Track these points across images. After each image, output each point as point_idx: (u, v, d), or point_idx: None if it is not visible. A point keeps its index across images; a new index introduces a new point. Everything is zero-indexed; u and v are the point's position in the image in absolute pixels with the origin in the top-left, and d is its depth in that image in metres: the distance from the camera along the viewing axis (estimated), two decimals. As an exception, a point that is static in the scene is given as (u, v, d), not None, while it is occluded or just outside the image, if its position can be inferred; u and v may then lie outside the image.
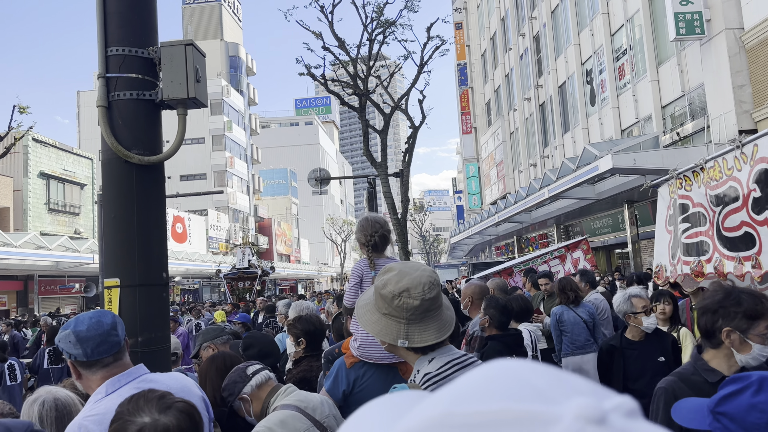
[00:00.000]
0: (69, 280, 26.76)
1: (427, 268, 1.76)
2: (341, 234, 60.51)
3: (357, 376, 2.55)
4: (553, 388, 0.37)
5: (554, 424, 0.34)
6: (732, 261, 4.28)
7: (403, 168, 17.64)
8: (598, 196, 16.67)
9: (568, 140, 23.02)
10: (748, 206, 4.00)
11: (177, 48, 3.33)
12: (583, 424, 0.33)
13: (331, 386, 2.59)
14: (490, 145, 33.85)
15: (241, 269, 16.36)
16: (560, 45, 23.68)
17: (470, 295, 4.37)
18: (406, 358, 1.77)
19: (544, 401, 0.36)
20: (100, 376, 1.92)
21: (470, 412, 0.36)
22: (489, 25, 33.99)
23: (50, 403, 2.36)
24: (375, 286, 1.77)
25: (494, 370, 0.41)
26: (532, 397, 0.36)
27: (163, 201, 3.48)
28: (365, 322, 1.75)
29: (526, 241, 28.53)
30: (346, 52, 17.69)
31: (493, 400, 0.36)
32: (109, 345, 1.92)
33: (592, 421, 0.33)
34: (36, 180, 26.72)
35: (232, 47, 55.92)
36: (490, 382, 0.39)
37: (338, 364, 2.66)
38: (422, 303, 1.66)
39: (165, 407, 1.51)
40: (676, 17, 13.24)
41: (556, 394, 0.36)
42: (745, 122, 12.48)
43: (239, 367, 2.53)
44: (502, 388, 0.38)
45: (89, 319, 1.93)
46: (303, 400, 2.34)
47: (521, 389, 0.37)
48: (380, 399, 0.50)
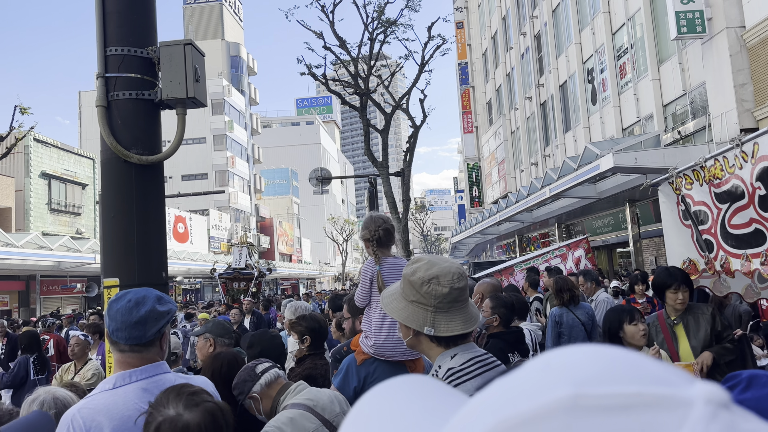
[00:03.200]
0: (71, 280, 26.79)
1: (456, 261, 1.78)
2: (343, 233, 60.52)
3: (368, 373, 2.56)
4: (668, 373, 0.36)
5: (689, 407, 0.33)
6: (738, 258, 4.27)
7: (404, 167, 17.64)
8: (600, 195, 16.65)
9: (570, 139, 22.99)
10: (755, 203, 3.99)
11: (176, 47, 3.33)
12: (715, 407, 0.33)
13: (341, 383, 2.60)
14: (491, 144, 33.83)
15: (237, 269, 15.87)
16: (561, 44, 23.65)
17: (482, 293, 4.38)
18: (428, 353, 1.76)
19: (669, 385, 0.35)
20: (118, 359, 1.91)
21: (604, 394, 0.34)
22: (490, 24, 33.97)
23: (49, 402, 2.36)
24: (403, 275, 1.77)
25: (603, 352, 0.38)
26: (657, 381, 0.35)
27: (162, 200, 3.48)
28: (392, 309, 1.75)
29: (527, 240, 28.51)
30: (347, 52, 17.69)
31: (623, 383, 0.35)
32: (139, 333, 1.90)
33: (720, 405, 0.33)
34: (37, 180, 26.75)
35: (233, 47, 55.94)
36: (608, 363, 0.37)
37: (348, 361, 2.67)
38: (451, 291, 1.67)
39: (193, 404, 1.52)
40: (677, 16, 13.22)
41: (675, 380, 0.35)
42: (747, 121, 12.46)
43: (248, 366, 2.51)
44: (625, 371, 0.36)
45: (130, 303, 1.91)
46: (312, 399, 2.33)
47: (642, 372, 0.36)
48: (391, 384, 0.48)
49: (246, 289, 15.29)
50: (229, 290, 15.51)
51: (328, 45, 17.57)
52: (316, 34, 17.57)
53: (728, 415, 0.33)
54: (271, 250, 53.48)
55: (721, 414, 0.33)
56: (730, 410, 0.33)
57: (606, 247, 20.99)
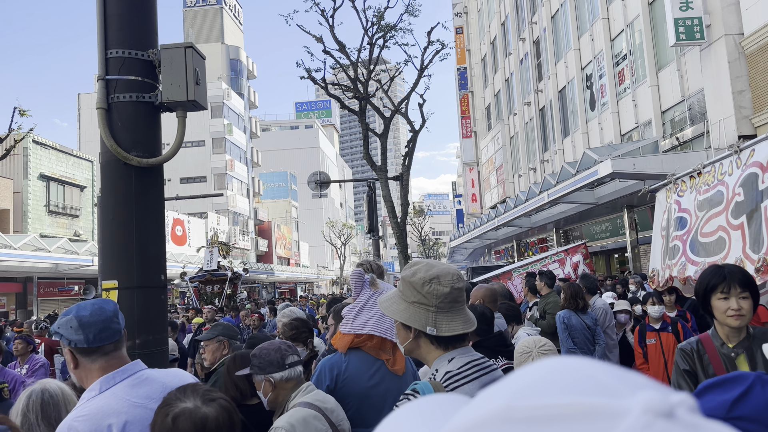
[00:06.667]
0: (68, 282, 26.72)
1: (452, 265, 1.81)
2: (341, 237, 60.48)
3: (339, 371, 2.59)
4: (616, 382, 0.36)
5: (622, 417, 0.32)
6: (695, 266, 4.30)
7: (402, 171, 17.65)
8: (598, 200, 16.66)
9: (568, 145, 23.03)
10: (728, 211, 4.00)
11: (177, 50, 3.34)
12: (651, 417, 0.32)
13: (315, 383, 2.62)
14: (489, 149, 33.87)
15: (209, 271, 15.00)
16: (560, 50, 23.72)
17: (481, 298, 4.38)
18: (426, 356, 1.77)
19: (609, 395, 0.34)
20: (99, 366, 1.89)
21: (535, 405, 0.34)
22: (489, 30, 34.06)
23: (37, 392, 2.37)
24: (402, 277, 1.79)
25: (553, 364, 0.39)
26: (596, 391, 0.35)
27: (161, 203, 3.49)
28: (392, 311, 1.76)
29: (525, 246, 28.51)
30: (347, 56, 17.72)
31: (557, 394, 0.35)
32: (111, 332, 1.91)
33: (660, 414, 0.32)
34: (36, 182, 26.72)
35: (233, 50, 56.00)
36: (550, 375, 0.37)
37: (322, 363, 2.70)
38: (452, 291, 1.70)
39: (209, 399, 1.57)
40: (675, 23, 13.27)
41: (620, 388, 0.35)
42: (745, 128, 12.50)
43: (282, 349, 2.48)
44: (565, 382, 0.36)
45: (92, 305, 1.93)
46: (322, 401, 2.36)
47: (584, 383, 0.36)
48: (412, 404, 0.49)
49: (220, 292, 14.47)
50: (202, 294, 14.64)
51: (327, 49, 17.59)
52: (316, 38, 17.60)
53: (664, 425, 0.32)
54: (269, 254, 53.42)
55: (656, 424, 0.32)
56: (671, 420, 0.32)
57: (604, 253, 21.00)
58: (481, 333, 3.59)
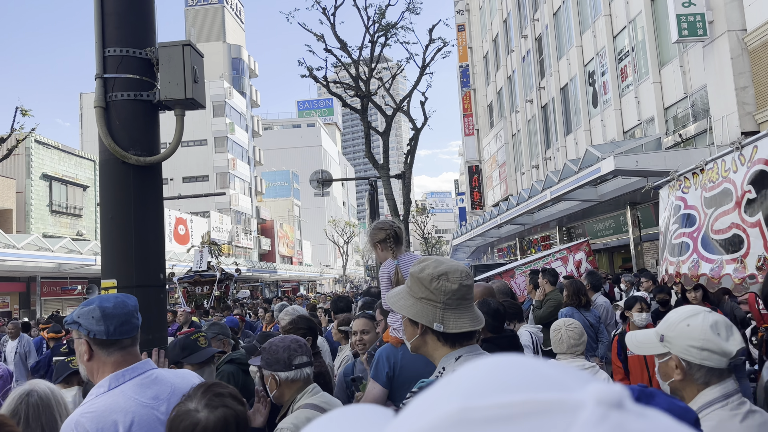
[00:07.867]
0: (71, 281, 26.78)
1: (461, 262, 1.82)
2: (343, 236, 60.50)
3: (396, 360, 2.75)
4: (563, 376, 0.36)
5: (578, 410, 0.33)
6: (710, 263, 4.27)
7: (404, 170, 17.64)
8: (601, 198, 16.61)
9: (571, 142, 22.98)
10: (740, 208, 3.98)
11: (175, 48, 3.32)
12: (605, 408, 0.33)
13: (375, 372, 2.77)
14: (492, 146, 33.83)
15: (198, 272, 14.42)
16: (562, 47, 23.65)
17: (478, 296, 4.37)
18: (433, 354, 1.77)
19: (561, 389, 0.34)
20: (114, 360, 1.89)
21: (491, 405, 0.34)
22: (491, 27, 33.98)
23: (28, 390, 2.35)
24: (410, 273, 1.79)
25: (498, 362, 0.39)
26: (548, 386, 0.35)
27: (160, 202, 3.47)
28: (400, 306, 1.76)
29: (528, 243, 28.48)
30: (348, 54, 17.70)
31: (511, 392, 0.35)
32: (131, 326, 1.92)
33: (612, 405, 0.33)
34: (38, 182, 26.77)
35: (235, 49, 56.01)
36: (499, 373, 0.37)
37: (378, 352, 2.84)
38: (460, 288, 1.70)
39: (212, 406, 1.58)
40: (678, 19, 13.21)
41: (569, 382, 0.35)
42: (748, 124, 12.44)
43: (292, 348, 2.46)
44: (515, 379, 0.36)
45: (115, 298, 1.94)
46: (328, 403, 2.37)
47: (534, 379, 0.36)
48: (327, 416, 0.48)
49: (209, 294, 14.04)
50: (191, 296, 14.19)
51: (329, 47, 17.58)
52: (317, 37, 17.58)
53: (618, 416, 0.33)
54: (271, 252, 53.48)
55: (611, 415, 0.32)
56: (622, 410, 0.33)
57: (607, 250, 20.95)
58: (492, 330, 3.58)
